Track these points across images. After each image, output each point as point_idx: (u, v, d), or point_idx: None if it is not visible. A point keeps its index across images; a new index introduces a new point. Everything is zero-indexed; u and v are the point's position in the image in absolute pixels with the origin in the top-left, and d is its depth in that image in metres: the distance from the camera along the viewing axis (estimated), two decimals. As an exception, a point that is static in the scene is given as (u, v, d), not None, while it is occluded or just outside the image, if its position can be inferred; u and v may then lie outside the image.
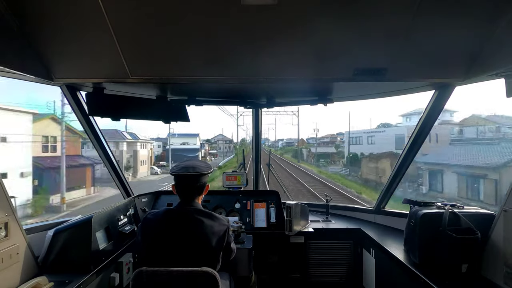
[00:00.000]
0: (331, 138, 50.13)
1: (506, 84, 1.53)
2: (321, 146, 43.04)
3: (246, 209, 2.57)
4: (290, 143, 77.98)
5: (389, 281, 2.01)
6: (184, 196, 1.54)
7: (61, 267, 1.56)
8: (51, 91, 57.08)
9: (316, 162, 34.69)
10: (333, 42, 1.52)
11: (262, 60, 1.62)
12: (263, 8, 1.31)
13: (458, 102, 42.88)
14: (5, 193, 1.37)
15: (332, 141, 47.91)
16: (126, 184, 2.54)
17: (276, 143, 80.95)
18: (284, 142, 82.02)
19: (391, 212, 2.53)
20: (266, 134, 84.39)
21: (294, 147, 59.91)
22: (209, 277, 1.28)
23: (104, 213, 1.87)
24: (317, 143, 42.64)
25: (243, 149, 4.83)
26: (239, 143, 57.23)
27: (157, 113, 2.35)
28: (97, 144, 2.27)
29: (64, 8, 1.34)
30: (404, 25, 1.41)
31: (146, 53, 1.58)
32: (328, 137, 51.94)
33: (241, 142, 58.18)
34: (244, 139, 62.64)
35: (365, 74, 1.66)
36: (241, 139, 61.67)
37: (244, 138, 63.29)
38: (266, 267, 2.48)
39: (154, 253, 1.44)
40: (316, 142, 43.37)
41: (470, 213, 1.66)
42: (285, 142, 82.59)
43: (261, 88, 2.20)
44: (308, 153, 41.66)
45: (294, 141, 77.65)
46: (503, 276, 1.43)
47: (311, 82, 1.92)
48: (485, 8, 1.33)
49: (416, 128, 2.16)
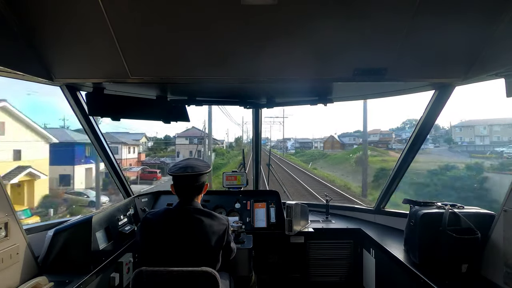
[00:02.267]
0: (383, 135, 31.57)
1: (506, 84, 1.53)
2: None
3: (246, 209, 2.57)
4: (305, 143, 62.40)
5: (389, 281, 2.01)
6: (184, 196, 1.53)
7: (61, 267, 1.56)
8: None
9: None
10: (333, 42, 1.52)
11: (262, 60, 1.62)
12: (263, 8, 1.31)
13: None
14: (5, 193, 1.37)
15: (385, 140, 31.94)
16: (126, 184, 2.54)
17: (282, 143, 59.00)
18: (297, 143, 64.68)
19: (391, 212, 2.53)
20: (268, 133, 70.15)
21: (315, 151, 43.47)
22: (209, 277, 1.28)
23: (104, 213, 1.87)
24: (362, 142, 21.94)
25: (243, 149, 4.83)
26: (234, 143, 49.13)
27: (157, 113, 2.35)
28: (97, 144, 2.27)
29: (64, 8, 1.33)
30: (404, 25, 1.41)
31: (146, 53, 1.58)
32: (377, 133, 33.63)
33: (237, 141, 51.65)
34: (240, 138, 53.45)
35: (365, 74, 1.66)
36: (236, 137, 54.13)
37: (240, 137, 53.87)
38: (266, 267, 2.48)
39: (154, 253, 1.44)
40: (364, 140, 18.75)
41: (470, 213, 1.66)
42: (297, 142, 64.91)
43: (261, 88, 2.20)
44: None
45: (312, 141, 62.98)
46: (503, 276, 1.43)
47: (311, 82, 1.92)
48: (485, 8, 1.33)
49: (416, 128, 2.16)
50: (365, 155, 13.79)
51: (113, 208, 2.02)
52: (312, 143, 63.58)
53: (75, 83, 1.87)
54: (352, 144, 32.69)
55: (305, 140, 67.02)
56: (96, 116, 2.15)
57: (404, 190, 12.15)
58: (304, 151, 51.10)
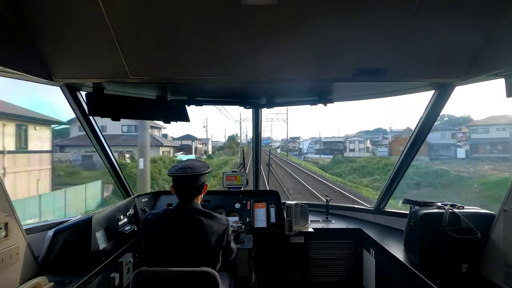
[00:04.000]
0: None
1: (506, 84, 1.53)
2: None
3: (246, 209, 2.57)
4: (333, 143, 42.08)
5: (389, 281, 2.01)
6: (183, 196, 1.54)
7: (61, 267, 1.56)
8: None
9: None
10: (333, 42, 1.52)
11: (262, 60, 1.62)
12: (263, 8, 1.31)
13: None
14: (5, 193, 1.37)
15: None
16: (126, 184, 2.54)
17: (291, 143, 41.73)
18: (319, 143, 43.74)
19: (391, 212, 2.53)
20: (270, 132, 55.11)
21: (373, 159, 23.93)
22: (209, 277, 1.28)
23: (104, 213, 1.87)
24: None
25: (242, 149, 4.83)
26: (227, 143, 39.52)
27: (157, 113, 2.35)
28: (97, 144, 2.27)
29: (64, 8, 1.33)
30: (404, 25, 1.41)
31: (146, 53, 1.58)
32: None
33: (230, 139, 44.83)
34: (234, 136, 46.98)
35: (365, 74, 1.66)
36: (229, 136, 47.26)
37: (235, 135, 47.88)
38: (266, 267, 2.47)
39: (154, 253, 1.44)
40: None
41: (470, 213, 1.66)
42: (320, 142, 43.39)
43: (261, 88, 2.20)
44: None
45: (346, 140, 41.26)
46: (503, 276, 1.43)
47: (311, 82, 1.92)
48: (485, 8, 1.33)
49: (416, 128, 2.16)
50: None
51: (113, 208, 2.02)
52: (344, 143, 42.35)
53: (75, 83, 1.87)
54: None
55: (333, 140, 44.47)
56: (96, 116, 2.15)
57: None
58: (337, 156, 32.27)
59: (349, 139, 42.10)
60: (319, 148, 42.72)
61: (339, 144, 42.34)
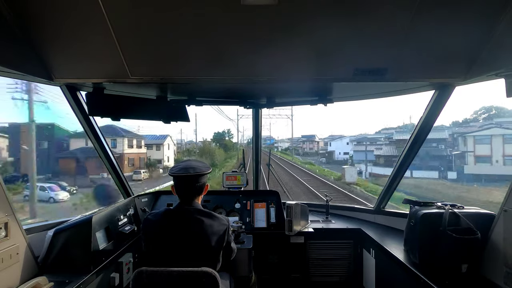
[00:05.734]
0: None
1: (506, 84, 1.53)
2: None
3: (246, 209, 2.57)
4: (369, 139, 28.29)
5: (389, 281, 2.01)
6: (184, 196, 1.53)
7: (61, 267, 1.56)
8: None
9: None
10: (333, 42, 1.52)
11: (262, 60, 1.62)
12: (263, 8, 1.31)
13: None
14: (5, 193, 1.37)
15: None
16: (126, 184, 2.54)
17: (310, 143, 31.93)
18: (357, 143, 29.72)
19: (391, 212, 2.53)
20: (272, 130, 49.19)
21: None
22: (209, 277, 1.28)
23: (104, 213, 1.87)
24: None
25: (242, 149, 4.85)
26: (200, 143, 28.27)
27: (157, 113, 2.35)
28: (97, 144, 2.27)
29: (64, 8, 1.33)
30: (404, 25, 1.41)
31: (146, 53, 1.58)
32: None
33: (215, 136, 41.79)
34: (224, 133, 44.30)
35: (365, 74, 1.66)
36: (214, 133, 43.54)
37: (226, 131, 45.23)
38: (266, 267, 2.47)
39: (154, 254, 1.44)
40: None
41: (470, 213, 1.66)
42: (387, 140, 27.82)
43: (261, 88, 2.20)
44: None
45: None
46: (503, 276, 1.43)
47: (311, 82, 1.91)
48: (485, 8, 1.33)
49: (416, 128, 2.16)
50: None
51: (113, 208, 2.02)
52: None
53: (75, 83, 1.87)
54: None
55: (367, 138, 31.12)
56: (96, 116, 2.15)
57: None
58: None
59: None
60: (380, 154, 24.06)
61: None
